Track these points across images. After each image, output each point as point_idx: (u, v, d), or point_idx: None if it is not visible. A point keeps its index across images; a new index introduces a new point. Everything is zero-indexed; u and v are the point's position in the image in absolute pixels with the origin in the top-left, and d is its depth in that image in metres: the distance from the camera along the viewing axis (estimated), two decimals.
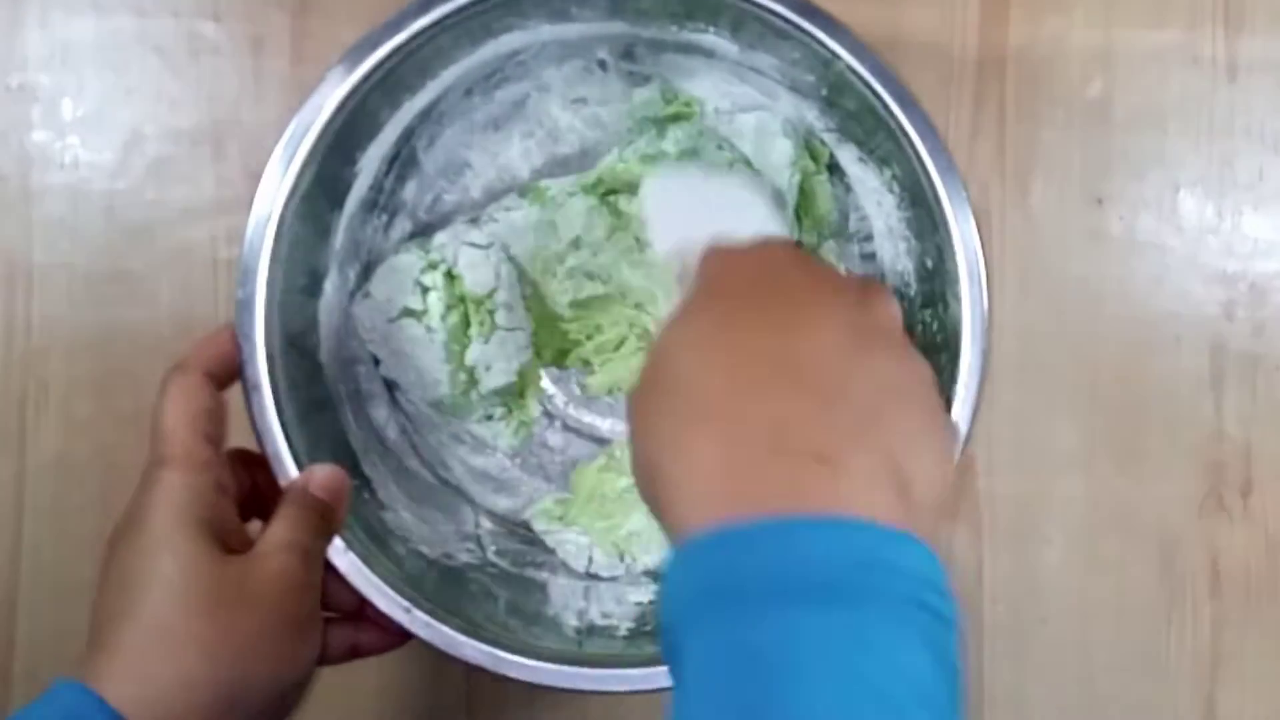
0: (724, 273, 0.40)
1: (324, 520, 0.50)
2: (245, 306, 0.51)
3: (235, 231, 0.65)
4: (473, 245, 0.60)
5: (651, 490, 0.36)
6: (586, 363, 0.63)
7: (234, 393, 0.51)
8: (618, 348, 0.62)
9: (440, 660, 0.52)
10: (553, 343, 0.63)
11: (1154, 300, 0.65)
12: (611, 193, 0.62)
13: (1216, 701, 0.64)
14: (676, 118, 0.61)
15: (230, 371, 0.51)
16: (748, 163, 0.61)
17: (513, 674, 0.51)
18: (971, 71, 0.65)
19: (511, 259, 0.61)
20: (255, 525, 0.50)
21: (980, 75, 0.65)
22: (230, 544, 0.47)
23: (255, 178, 0.52)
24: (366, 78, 0.52)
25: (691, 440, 0.35)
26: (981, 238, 0.51)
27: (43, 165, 0.66)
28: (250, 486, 0.51)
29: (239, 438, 0.51)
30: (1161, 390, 0.65)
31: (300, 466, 0.51)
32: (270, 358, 0.51)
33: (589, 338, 0.63)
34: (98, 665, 0.44)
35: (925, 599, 0.33)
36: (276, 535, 0.48)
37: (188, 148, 0.66)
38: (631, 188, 0.61)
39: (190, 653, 0.44)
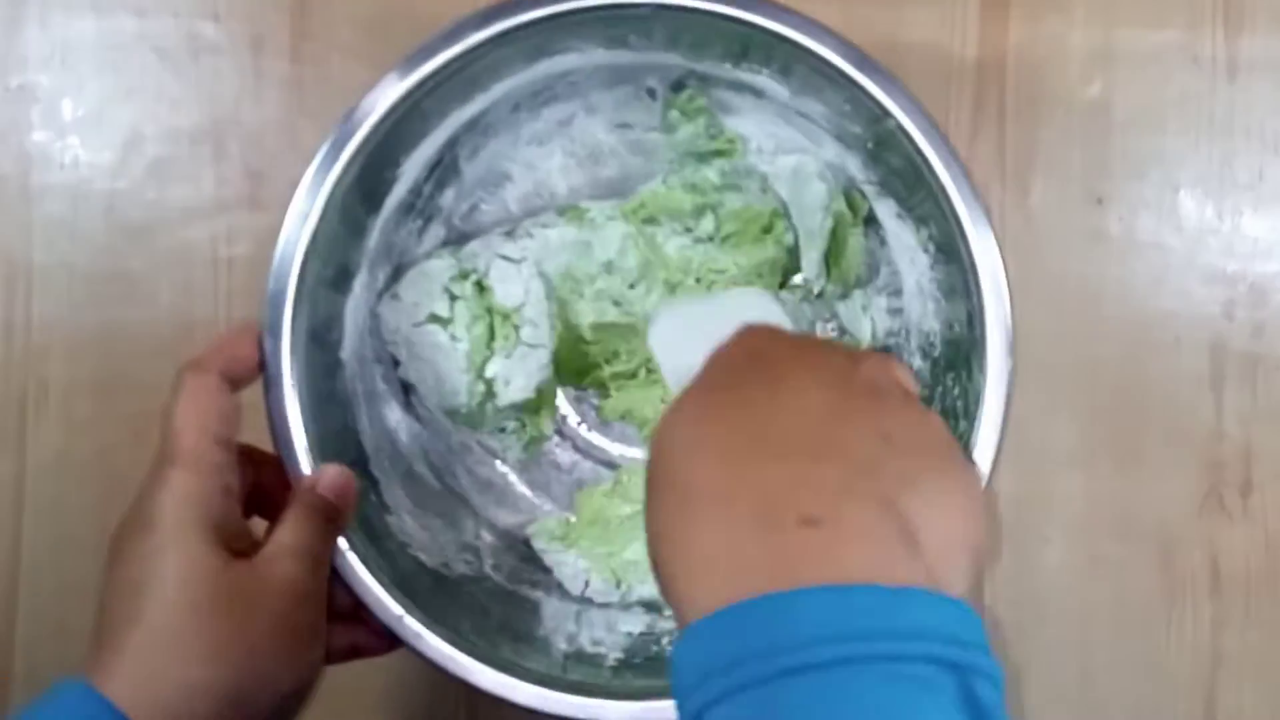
0: (709, 366, 0.40)
1: (331, 523, 0.50)
2: (275, 301, 0.51)
3: (235, 231, 0.65)
4: (505, 258, 0.60)
5: (658, 576, 0.37)
6: (603, 385, 0.63)
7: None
8: (632, 376, 0.63)
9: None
10: (573, 362, 0.63)
11: (1154, 300, 0.65)
12: (651, 221, 0.62)
13: (1216, 701, 0.64)
14: (719, 153, 0.61)
15: (248, 373, 0.50)
16: (785, 209, 0.61)
17: (499, 693, 0.51)
18: (971, 71, 0.65)
19: (542, 275, 0.61)
20: (257, 521, 0.50)
21: (980, 75, 0.65)
22: (235, 547, 0.46)
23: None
24: (421, 84, 0.52)
25: (685, 530, 0.35)
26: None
27: (43, 165, 0.66)
28: (253, 484, 0.51)
29: (252, 429, 0.51)
30: (1161, 390, 0.65)
31: (314, 462, 0.51)
32: (293, 352, 0.51)
33: (607, 361, 0.63)
34: (103, 665, 0.44)
35: (948, 656, 0.32)
36: (284, 540, 0.48)
37: (188, 148, 0.66)
38: (671, 214, 0.61)
39: (196, 657, 0.44)
